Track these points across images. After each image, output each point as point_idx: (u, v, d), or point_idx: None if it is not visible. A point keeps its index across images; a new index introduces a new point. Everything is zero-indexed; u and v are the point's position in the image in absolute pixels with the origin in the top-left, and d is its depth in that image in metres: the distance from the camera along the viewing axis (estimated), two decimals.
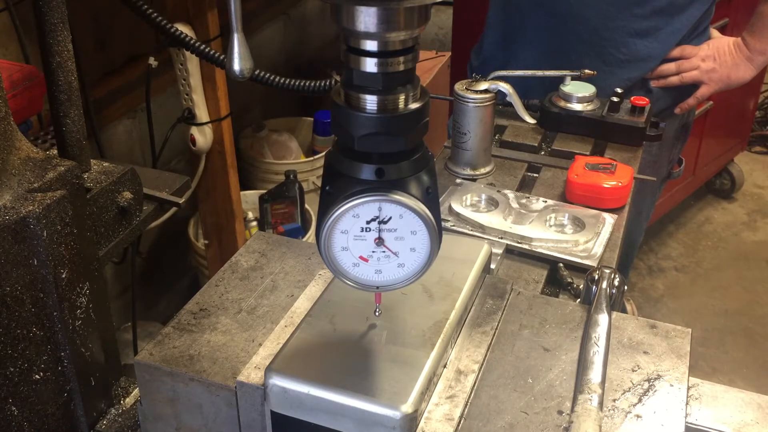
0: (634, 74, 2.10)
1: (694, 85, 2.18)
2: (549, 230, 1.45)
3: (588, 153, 1.78)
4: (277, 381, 0.91)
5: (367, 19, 0.76)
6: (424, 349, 0.95)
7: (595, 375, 0.97)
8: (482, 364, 1.01)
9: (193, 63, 2.55)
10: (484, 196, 1.56)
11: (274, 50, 3.85)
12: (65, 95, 1.10)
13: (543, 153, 1.83)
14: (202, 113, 2.67)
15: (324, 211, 0.85)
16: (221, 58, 1.73)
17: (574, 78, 1.86)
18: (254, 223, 3.33)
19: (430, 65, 4.02)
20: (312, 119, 3.84)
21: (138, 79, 2.73)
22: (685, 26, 2.09)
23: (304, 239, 3.18)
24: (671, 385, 0.99)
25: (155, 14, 1.68)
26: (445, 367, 0.99)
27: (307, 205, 3.33)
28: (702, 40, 2.18)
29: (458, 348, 1.02)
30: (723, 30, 3.63)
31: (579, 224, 1.47)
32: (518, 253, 1.43)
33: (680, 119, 2.28)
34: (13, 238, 0.91)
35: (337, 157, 0.84)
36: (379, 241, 0.85)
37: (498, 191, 1.57)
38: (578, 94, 1.84)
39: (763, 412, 1.00)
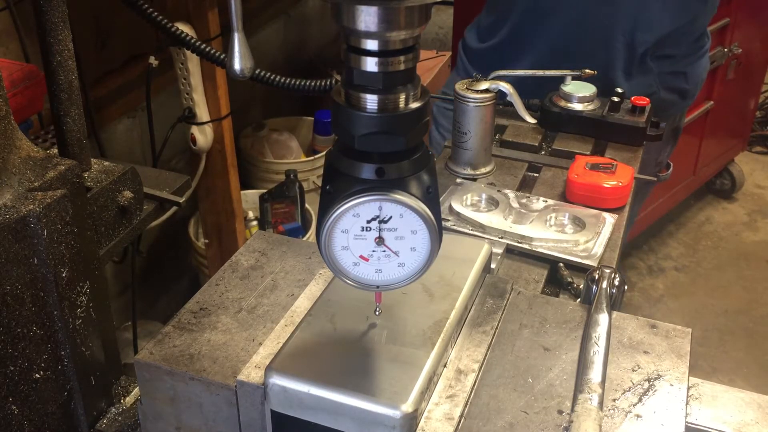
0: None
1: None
2: (549, 230, 1.45)
3: (588, 153, 1.78)
4: (278, 380, 0.91)
5: (367, 18, 0.76)
6: (425, 349, 0.95)
7: (595, 375, 0.97)
8: (482, 364, 1.01)
9: (193, 62, 2.55)
10: (484, 196, 1.56)
11: (274, 49, 3.85)
12: (66, 94, 1.10)
13: (543, 153, 1.83)
14: (202, 112, 2.67)
15: (324, 210, 0.85)
16: (222, 57, 1.73)
17: (574, 78, 1.86)
18: (254, 223, 3.33)
19: (431, 65, 4.02)
20: (312, 119, 3.84)
21: (138, 78, 2.73)
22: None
23: (305, 239, 3.18)
24: (671, 385, 1.00)
25: (156, 13, 1.68)
26: (445, 366, 0.99)
27: (307, 205, 3.33)
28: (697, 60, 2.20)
29: (458, 347, 1.02)
30: (723, 30, 3.63)
31: (579, 224, 1.47)
32: (518, 253, 1.43)
33: (670, 123, 2.27)
34: (13, 237, 0.92)
35: (337, 157, 0.84)
36: (380, 241, 0.85)
37: (498, 191, 1.57)
38: (579, 93, 1.84)
39: (763, 412, 1.00)
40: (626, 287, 1.16)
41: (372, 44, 0.78)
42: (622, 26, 2.03)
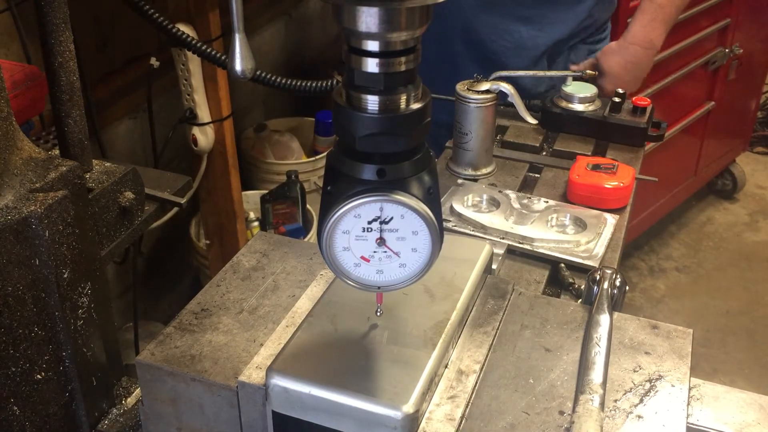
0: (521, 63, 2.13)
1: None
2: (550, 231, 1.45)
3: (589, 153, 1.78)
4: (279, 381, 0.91)
5: (368, 19, 0.76)
6: (426, 350, 0.95)
7: (596, 375, 0.97)
8: (483, 365, 1.01)
9: (194, 63, 2.55)
10: (485, 197, 1.56)
11: (275, 50, 3.84)
12: (67, 95, 1.10)
13: (544, 153, 1.83)
14: (203, 113, 2.67)
15: (325, 211, 0.85)
16: (223, 58, 1.73)
17: (576, 78, 1.86)
18: (256, 224, 3.33)
19: None
20: (313, 119, 3.84)
21: (140, 79, 2.73)
22: (571, 19, 2.13)
23: (306, 239, 3.18)
24: (673, 386, 0.99)
25: (157, 14, 1.69)
26: (446, 367, 0.99)
27: (308, 206, 3.33)
28: (599, 39, 2.23)
29: (459, 348, 1.02)
30: (724, 30, 3.63)
31: (580, 225, 1.47)
32: (520, 254, 1.43)
33: None
34: (15, 238, 0.92)
35: (338, 158, 0.84)
36: (381, 242, 0.86)
37: (499, 191, 1.57)
38: (580, 94, 1.84)
39: (764, 413, 1.00)
40: (627, 288, 1.16)
41: (373, 45, 0.78)
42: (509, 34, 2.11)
